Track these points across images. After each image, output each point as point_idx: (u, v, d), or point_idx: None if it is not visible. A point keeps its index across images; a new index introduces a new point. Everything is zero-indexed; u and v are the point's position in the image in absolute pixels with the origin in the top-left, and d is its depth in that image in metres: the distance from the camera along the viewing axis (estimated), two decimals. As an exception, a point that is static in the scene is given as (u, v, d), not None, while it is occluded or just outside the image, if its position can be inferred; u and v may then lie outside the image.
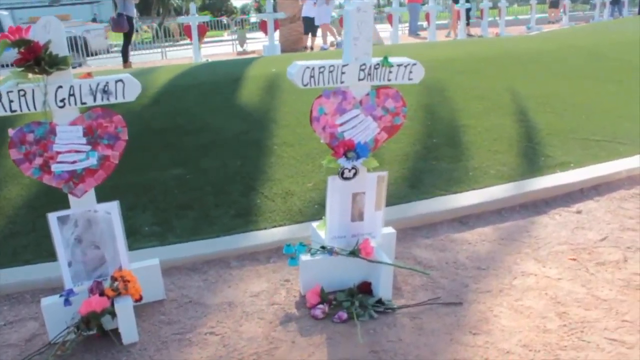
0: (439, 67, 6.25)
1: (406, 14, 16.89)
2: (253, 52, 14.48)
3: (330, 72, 2.72)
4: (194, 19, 10.24)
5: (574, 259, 3.18)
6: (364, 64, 2.75)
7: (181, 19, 10.61)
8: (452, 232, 3.53)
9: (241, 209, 3.74)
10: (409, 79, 2.86)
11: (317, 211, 3.62)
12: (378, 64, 2.77)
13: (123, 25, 9.94)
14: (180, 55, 14.54)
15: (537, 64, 6.79)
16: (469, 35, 15.59)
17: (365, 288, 2.90)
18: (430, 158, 4.32)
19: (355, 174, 2.87)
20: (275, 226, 3.56)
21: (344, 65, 2.73)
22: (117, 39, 15.23)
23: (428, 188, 3.92)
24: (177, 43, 16.16)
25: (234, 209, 3.74)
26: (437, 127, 4.80)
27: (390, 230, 3.16)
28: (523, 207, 3.79)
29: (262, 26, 12.57)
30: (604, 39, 9.52)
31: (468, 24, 16.05)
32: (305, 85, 2.72)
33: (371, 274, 2.89)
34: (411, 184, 3.98)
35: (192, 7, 10.26)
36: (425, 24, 16.23)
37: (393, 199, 3.78)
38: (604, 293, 2.84)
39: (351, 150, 2.82)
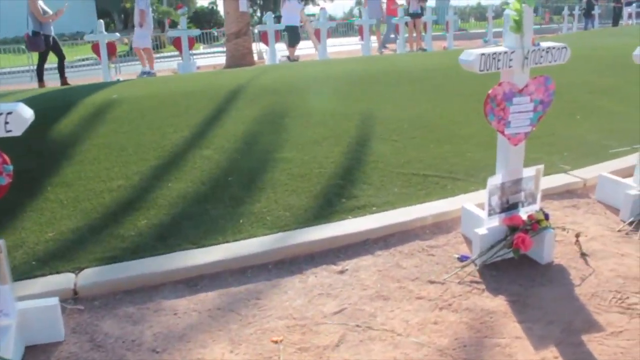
0: (294, 89, 5.57)
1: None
2: (214, 66, 13.97)
3: None
4: (102, 37, 9.75)
5: (277, 341, 2.46)
6: None
7: (90, 37, 10.05)
8: (169, 298, 2.85)
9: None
10: (7, 132, 2.22)
11: (35, 267, 3.01)
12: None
13: (39, 44, 9.55)
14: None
15: (421, 82, 6.02)
16: (422, 49, 14.74)
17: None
18: (209, 200, 3.65)
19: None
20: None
21: None
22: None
23: (178, 240, 3.25)
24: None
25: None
26: (244, 161, 4.12)
27: (52, 302, 2.53)
28: (279, 264, 3.07)
29: (175, 43, 12.06)
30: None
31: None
32: None
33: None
34: (161, 234, 3.32)
35: (99, 24, 9.72)
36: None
37: (125, 254, 3.13)
38: (268, 396, 2.10)
39: None
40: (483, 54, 2.63)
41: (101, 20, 9.72)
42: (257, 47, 16.26)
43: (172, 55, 17.02)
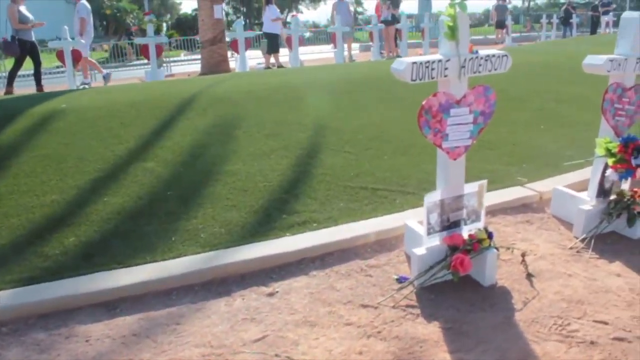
0: (250, 99, 5.39)
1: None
2: (189, 74, 13.81)
3: None
4: (67, 44, 9.44)
5: (187, 374, 2.26)
6: None
7: (54, 44, 9.66)
8: (85, 322, 2.65)
9: None
10: None
11: None
12: None
13: (14, 49, 9.33)
14: (127, 75, 14.04)
15: (384, 91, 5.85)
16: (398, 56, 14.66)
17: None
18: (144, 216, 3.46)
19: None
20: None
21: None
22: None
23: (105, 259, 3.06)
24: (129, 63, 15.30)
25: None
26: (187, 174, 3.93)
27: None
28: (207, 285, 2.88)
29: (143, 51, 11.89)
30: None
31: (396, 45, 15.20)
32: None
33: None
34: (88, 253, 3.13)
35: (64, 30, 9.39)
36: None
37: (46, 275, 2.94)
38: None
39: None
40: (415, 63, 2.46)
41: (66, 27, 9.44)
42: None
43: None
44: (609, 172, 3.24)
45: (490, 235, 2.80)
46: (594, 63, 3.17)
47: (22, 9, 9.53)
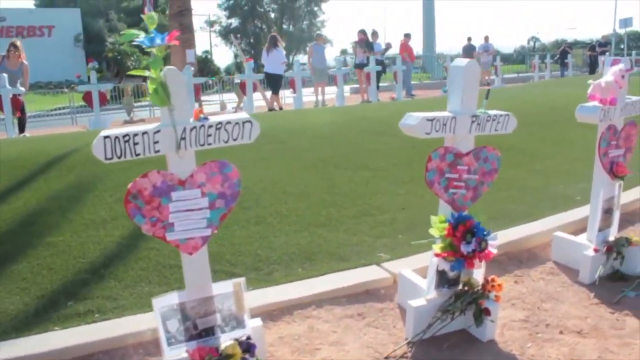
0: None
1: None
2: (143, 120, 13.74)
3: None
4: (5, 91, 9.17)
5: None
6: None
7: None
8: None
9: None
10: None
11: None
12: None
13: None
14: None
15: (282, 142, 5.38)
16: (368, 101, 14.16)
17: None
18: None
19: None
20: None
21: None
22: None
23: None
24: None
25: None
26: (2, 248, 3.49)
27: None
28: None
29: (86, 98, 11.71)
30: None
31: (377, 88, 14.77)
32: None
33: None
34: None
35: (2, 78, 9.13)
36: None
37: None
38: None
39: None
40: (108, 137, 1.99)
41: (5, 75, 9.28)
42: (220, 97, 15.99)
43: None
44: (436, 260, 2.67)
45: (249, 349, 2.26)
46: (409, 123, 2.62)
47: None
